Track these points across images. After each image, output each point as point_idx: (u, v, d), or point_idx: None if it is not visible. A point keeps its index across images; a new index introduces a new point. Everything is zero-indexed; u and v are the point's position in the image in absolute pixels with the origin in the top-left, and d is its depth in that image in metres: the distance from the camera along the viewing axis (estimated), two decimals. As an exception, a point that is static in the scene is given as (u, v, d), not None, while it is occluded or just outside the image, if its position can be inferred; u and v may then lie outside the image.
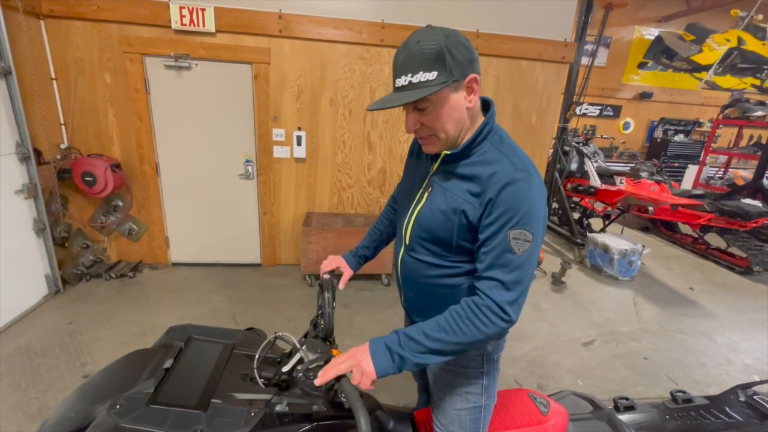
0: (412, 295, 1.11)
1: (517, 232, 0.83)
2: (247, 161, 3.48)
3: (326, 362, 0.86)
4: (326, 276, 1.15)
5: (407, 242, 1.05)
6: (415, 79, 0.83)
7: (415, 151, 1.14)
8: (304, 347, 0.93)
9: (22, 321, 2.68)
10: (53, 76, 3.02)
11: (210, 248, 3.69)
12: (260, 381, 0.92)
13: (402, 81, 0.85)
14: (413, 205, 1.03)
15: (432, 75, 0.82)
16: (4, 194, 2.62)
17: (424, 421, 1.19)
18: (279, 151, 3.47)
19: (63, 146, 3.14)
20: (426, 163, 1.05)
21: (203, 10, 2.99)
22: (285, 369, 0.92)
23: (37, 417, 1.90)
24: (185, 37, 3.08)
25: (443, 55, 0.81)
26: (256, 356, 0.95)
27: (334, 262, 1.25)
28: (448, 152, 0.94)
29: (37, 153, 2.84)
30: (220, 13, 3.03)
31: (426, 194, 1.00)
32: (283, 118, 3.41)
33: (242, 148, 3.47)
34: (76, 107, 3.12)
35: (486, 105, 0.98)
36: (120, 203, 3.38)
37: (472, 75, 0.86)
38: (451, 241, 0.95)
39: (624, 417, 1.43)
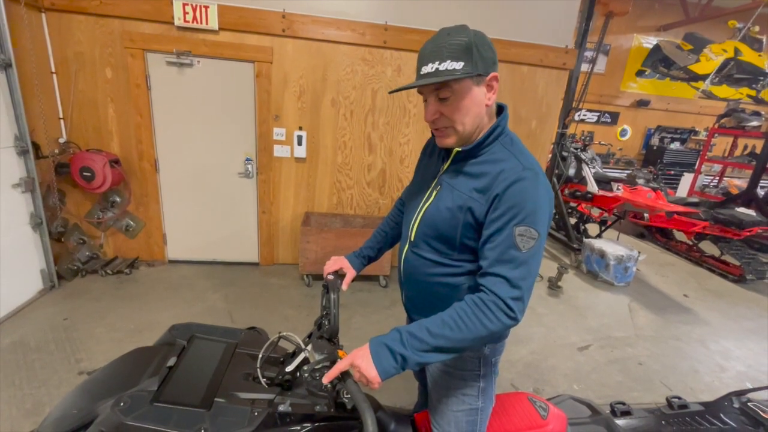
0: (413, 293, 1.12)
1: (523, 228, 0.84)
2: (247, 160, 3.48)
3: (332, 363, 0.86)
4: (331, 277, 1.15)
5: (412, 239, 1.06)
6: (442, 67, 0.85)
7: (428, 150, 1.16)
8: (309, 347, 0.93)
9: (17, 316, 2.65)
10: (53, 70, 3.00)
11: (207, 246, 3.68)
12: (263, 381, 0.92)
13: (428, 68, 0.87)
14: (422, 202, 1.05)
15: (459, 65, 0.85)
16: (2, 188, 2.59)
17: (425, 422, 1.20)
18: (279, 151, 3.46)
19: (62, 140, 3.11)
20: (437, 162, 1.07)
21: (207, 7, 2.98)
22: (289, 369, 0.92)
23: (31, 413, 1.88)
24: (188, 33, 3.07)
25: (471, 48, 0.85)
26: (260, 356, 0.95)
27: (337, 263, 1.24)
28: (459, 150, 0.96)
29: (36, 147, 2.81)
30: (223, 10, 3.02)
31: (435, 192, 1.02)
32: (284, 118, 3.41)
33: (242, 147, 3.46)
34: (75, 102, 3.10)
35: (500, 110, 1.01)
36: (118, 199, 3.35)
37: (494, 73, 0.90)
38: (455, 238, 0.96)
39: (621, 422, 1.44)
